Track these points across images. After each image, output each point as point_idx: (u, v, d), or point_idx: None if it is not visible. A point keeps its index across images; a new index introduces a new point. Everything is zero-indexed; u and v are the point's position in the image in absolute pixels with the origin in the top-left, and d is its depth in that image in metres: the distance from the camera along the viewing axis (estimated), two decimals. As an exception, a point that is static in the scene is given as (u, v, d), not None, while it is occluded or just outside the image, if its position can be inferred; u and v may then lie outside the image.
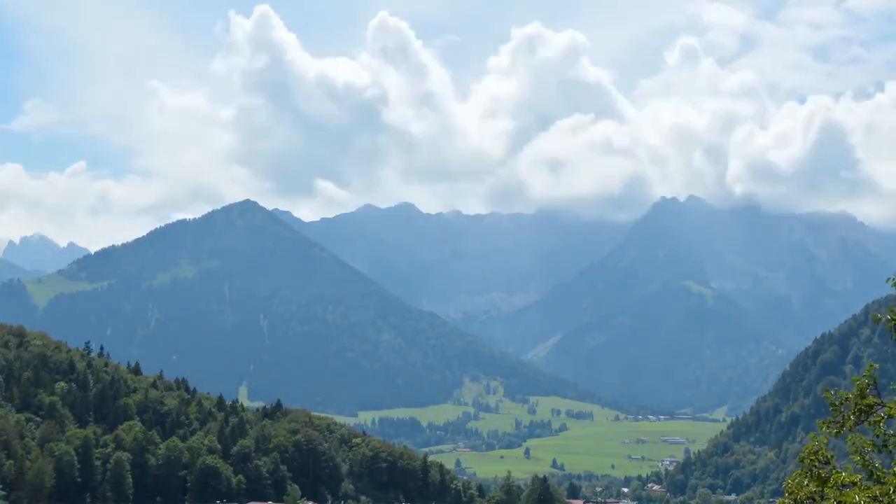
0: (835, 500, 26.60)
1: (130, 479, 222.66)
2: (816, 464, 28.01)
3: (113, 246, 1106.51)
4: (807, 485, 27.90)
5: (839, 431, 27.89)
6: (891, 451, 27.35)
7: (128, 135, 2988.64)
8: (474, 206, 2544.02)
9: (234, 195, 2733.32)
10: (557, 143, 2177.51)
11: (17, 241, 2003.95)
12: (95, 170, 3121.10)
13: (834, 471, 27.69)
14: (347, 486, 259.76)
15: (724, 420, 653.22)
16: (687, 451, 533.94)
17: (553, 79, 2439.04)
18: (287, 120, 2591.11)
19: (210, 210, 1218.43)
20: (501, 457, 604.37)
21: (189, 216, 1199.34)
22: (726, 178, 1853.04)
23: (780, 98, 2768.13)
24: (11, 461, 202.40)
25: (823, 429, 28.18)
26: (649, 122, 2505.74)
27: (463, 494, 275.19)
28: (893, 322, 27.90)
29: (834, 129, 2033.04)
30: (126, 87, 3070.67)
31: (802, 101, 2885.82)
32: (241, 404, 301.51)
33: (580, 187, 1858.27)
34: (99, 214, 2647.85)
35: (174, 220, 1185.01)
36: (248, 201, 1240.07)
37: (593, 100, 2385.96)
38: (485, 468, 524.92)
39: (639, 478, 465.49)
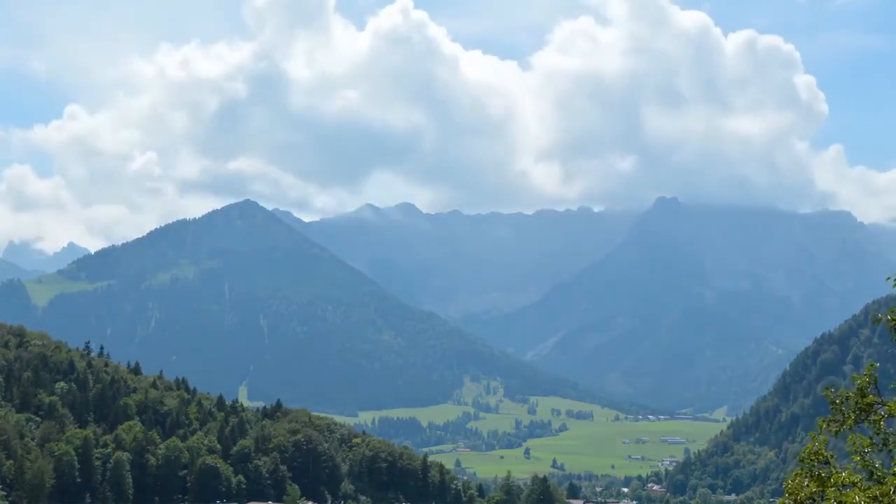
0: (835, 500, 26.54)
1: (130, 479, 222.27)
2: (816, 464, 27.96)
3: (113, 246, 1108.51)
4: (807, 485, 27.84)
5: (839, 430, 27.83)
6: (891, 451, 27.31)
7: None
8: (474, 206, 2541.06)
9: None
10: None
11: (17, 241, 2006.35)
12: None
13: (834, 471, 27.65)
14: (347, 486, 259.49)
15: (724, 420, 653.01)
16: (687, 451, 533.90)
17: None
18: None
19: (210, 210, 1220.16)
20: (501, 457, 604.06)
21: (189, 216, 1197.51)
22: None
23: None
24: (11, 461, 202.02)
25: (824, 426, 28.11)
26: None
27: (463, 494, 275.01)
28: (894, 322, 27.84)
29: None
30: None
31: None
32: (241, 404, 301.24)
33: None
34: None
35: (174, 220, 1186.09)
36: (248, 201, 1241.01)
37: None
38: (485, 468, 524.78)
39: (639, 478, 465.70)
